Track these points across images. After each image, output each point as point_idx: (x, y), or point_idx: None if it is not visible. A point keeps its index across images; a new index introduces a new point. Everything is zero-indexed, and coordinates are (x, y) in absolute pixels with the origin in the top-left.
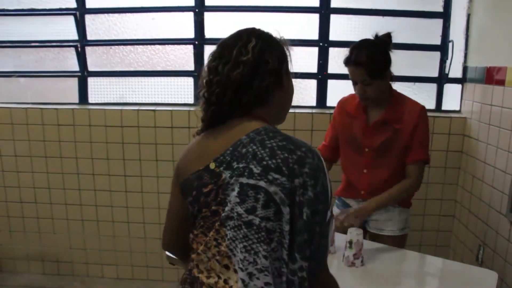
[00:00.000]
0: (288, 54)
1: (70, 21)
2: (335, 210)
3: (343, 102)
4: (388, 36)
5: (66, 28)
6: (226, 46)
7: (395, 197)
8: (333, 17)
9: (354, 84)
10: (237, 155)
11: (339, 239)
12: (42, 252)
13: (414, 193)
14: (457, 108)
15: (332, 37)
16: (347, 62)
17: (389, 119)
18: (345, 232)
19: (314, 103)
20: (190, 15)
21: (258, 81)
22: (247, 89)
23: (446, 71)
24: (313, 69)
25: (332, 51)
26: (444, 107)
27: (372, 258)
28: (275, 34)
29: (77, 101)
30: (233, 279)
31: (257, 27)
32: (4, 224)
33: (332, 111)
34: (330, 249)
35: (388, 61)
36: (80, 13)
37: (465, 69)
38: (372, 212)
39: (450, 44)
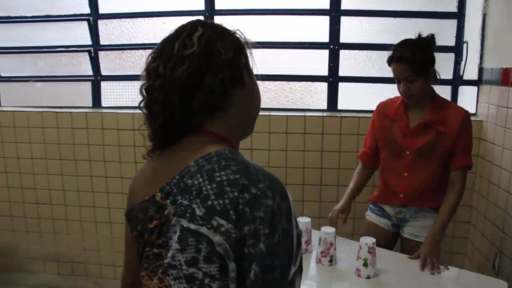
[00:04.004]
0: (248, 50)
1: (84, 26)
2: (370, 215)
3: (382, 106)
4: (431, 36)
5: (80, 34)
6: (167, 41)
7: (452, 213)
8: (344, 19)
9: (398, 82)
10: (183, 186)
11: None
12: (57, 253)
13: None
14: (473, 111)
15: (343, 39)
16: (391, 60)
17: (433, 121)
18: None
19: (325, 106)
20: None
21: (210, 77)
22: (197, 90)
23: (461, 73)
24: (324, 72)
25: (343, 53)
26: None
27: (384, 268)
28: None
29: (90, 104)
30: None
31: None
32: (21, 225)
33: (343, 114)
34: (307, 248)
35: (432, 59)
36: (93, 18)
37: (480, 70)
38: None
39: (465, 45)
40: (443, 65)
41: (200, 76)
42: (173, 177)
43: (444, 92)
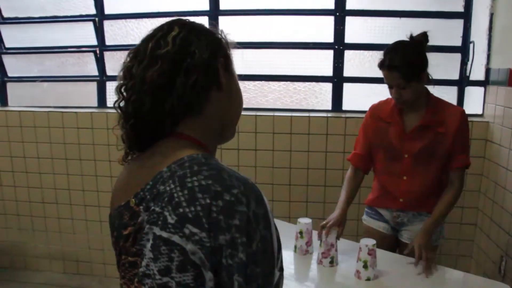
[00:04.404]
0: (228, 48)
1: (89, 27)
2: (367, 220)
3: (375, 108)
4: (423, 35)
5: (86, 34)
6: (144, 40)
7: (447, 212)
8: (349, 19)
9: (390, 87)
10: (155, 193)
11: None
12: (62, 252)
13: None
14: (480, 112)
15: (348, 39)
16: (381, 66)
17: (430, 123)
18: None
19: (329, 107)
20: (205, 20)
21: (183, 78)
22: (170, 91)
23: (467, 74)
24: (329, 72)
25: (348, 53)
26: (465, 111)
27: (384, 270)
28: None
29: (96, 104)
30: None
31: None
32: (28, 223)
33: (348, 115)
34: (308, 249)
35: (424, 63)
36: (99, 19)
37: (487, 71)
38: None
39: (471, 45)
40: (450, 66)
41: (172, 77)
42: (146, 183)
43: (450, 92)
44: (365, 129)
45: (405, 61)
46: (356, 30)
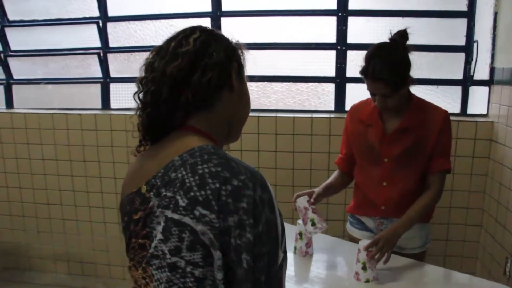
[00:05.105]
0: (241, 57)
1: (93, 29)
2: (351, 230)
3: (354, 109)
4: (403, 35)
5: (89, 36)
6: (166, 40)
7: (421, 215)
8: (351, 20)
9: (373, 95)
10: (167, 180)
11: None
12: (67, 253)
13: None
14: (484, 112)
15: (350, 40)
16: (365, 74)
17: (411, 125)
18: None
19: (332, 108)
20: (207, 21)
21: (198, 75)
22: (186, 86)
23: (471, 73)
24: (331, 73)
25: (350, 54)
26: (469, 111)
27: (383, 271)
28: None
29: (100, 106)
30: None
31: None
32: (33, 225)
33: None
34: (308, 251)
35: (408, 67)
36: (102, 21)
37: (492, 70)
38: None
39: (475, 45)
40: (453, 65)
41: (189, 73)
42: (158, 171)
43: (454, 92)
44: (346, 133)
45: (391, 71)
46: (359, 30)
